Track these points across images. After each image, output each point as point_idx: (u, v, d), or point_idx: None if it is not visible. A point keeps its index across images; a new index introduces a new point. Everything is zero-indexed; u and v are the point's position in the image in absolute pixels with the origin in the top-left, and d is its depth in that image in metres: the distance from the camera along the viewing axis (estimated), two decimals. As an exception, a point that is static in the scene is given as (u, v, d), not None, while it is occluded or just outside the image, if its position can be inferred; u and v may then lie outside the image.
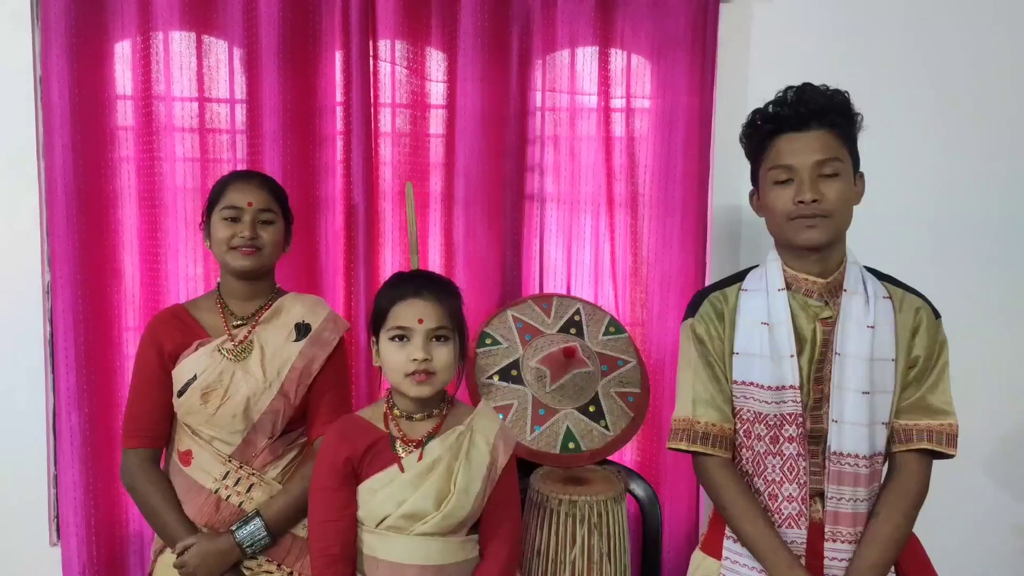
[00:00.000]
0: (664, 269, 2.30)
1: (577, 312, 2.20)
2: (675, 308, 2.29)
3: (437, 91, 2.27)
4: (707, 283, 2.35)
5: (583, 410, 2.03)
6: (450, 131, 2.26)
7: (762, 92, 2.30)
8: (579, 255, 2.37)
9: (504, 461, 1.57)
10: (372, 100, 2.22)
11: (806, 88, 1.54)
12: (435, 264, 2.31)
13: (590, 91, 2.31)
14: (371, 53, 2.20)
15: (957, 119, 2.37)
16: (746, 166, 2.34)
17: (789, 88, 1.56)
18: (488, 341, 2.10)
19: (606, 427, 2.03)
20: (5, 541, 2.19)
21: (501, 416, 1.77)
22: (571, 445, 1.97)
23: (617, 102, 2.32)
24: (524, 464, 1.87)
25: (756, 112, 1.59)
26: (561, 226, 2.36)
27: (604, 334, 2.18)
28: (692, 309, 1.65)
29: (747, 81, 2.35)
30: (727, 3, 2.29)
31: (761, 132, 1.57)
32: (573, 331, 2.15)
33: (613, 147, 2.32)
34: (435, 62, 2.27)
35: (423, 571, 1.49)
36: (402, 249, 2.29)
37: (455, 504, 1.49)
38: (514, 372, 2.05)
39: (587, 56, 2.30)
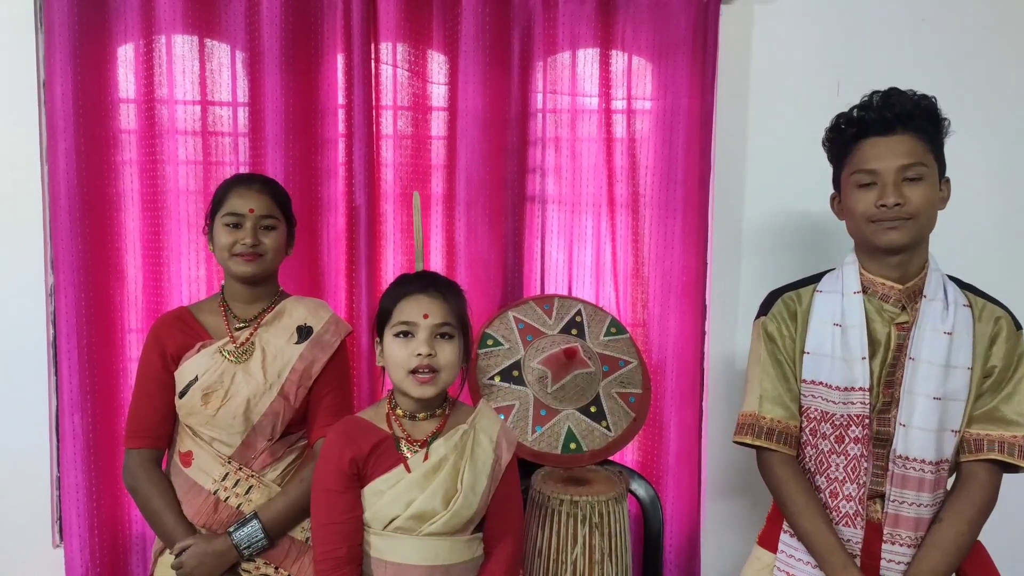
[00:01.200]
0: (665, 270, 2.30)
1: (578, 313, 2.20)
2: (676, 309, 2.30)
3: (438, 93, 2.28)
4: (708, 284, 2.36)
5: (584, 411, 2.03)
6: (451, 133, 2.27)
7: (763, 93, 2.35)
8: (580, 256, 2.37)
9: (507, 459, 1.58)
10: (374, 103, 2.22)
11: (892, 92, 1.54)
12: (437, 265, 2.31)
13: (591, 93, 2.32)
14: (372, 56, 2.21)
15: (958, 120, 2.36)
16: (747, 168, 2.38)
17: (875, 92, 1.56)
18: (489, 342, 2.10)
19: (607, 428, 2.03)
20: (8, 543, 2.20)
21: (502, 417, 1.77)
22: (572, 445, 1.98)
23: (618, 103, 2.32)
24: (525, 464, 1.87)
25: (840, 116, 1.59)
26: (562, 227, 2.36)
27: (605, 335, 2.18)
28: (765, 308, 1.67)
29: (748, 82, 2.35)
30: (728, 4, 2.30)
31: (845, 136, 1.57)
32: (574, 332, 2.15)
33: (614, 148, 2.33)
34: (436, 64, 2.27)
35: (431, 571, 1.49)
36: (403, 251, 2.30)
37: (463, 503, 1.49)
38: (515, 373, 2.05)
39: (588, 58, 2.30)
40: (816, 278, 1.67)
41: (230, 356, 1.70)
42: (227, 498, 1.68)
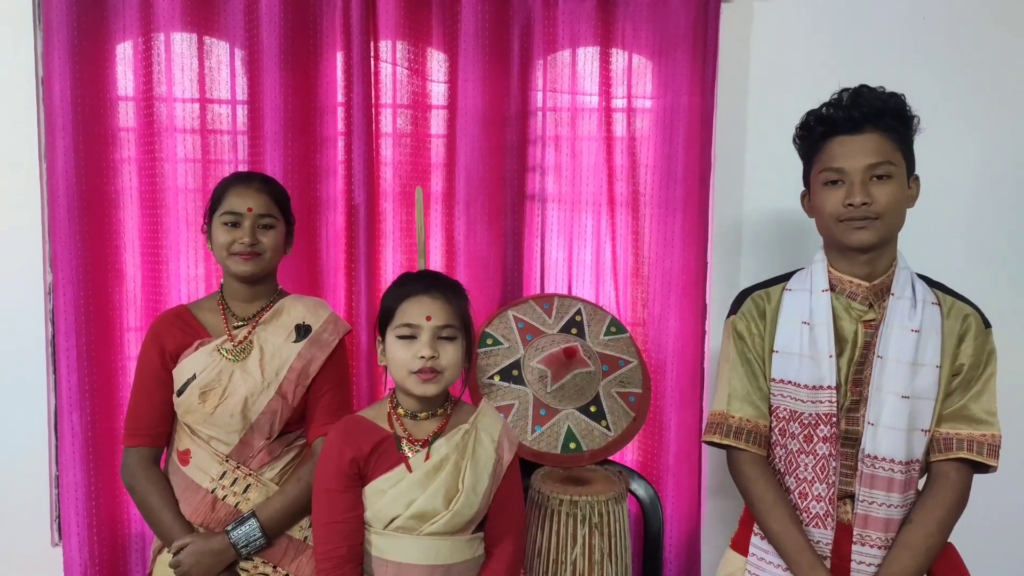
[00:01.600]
0: (665, 269, 2.30)
1: (578, 312, 2.19)
2: (676, 308, 2.29)
3: (438, 91, 2.28)
4: (708, 283, 2.35)
5: (584, 410, 2.03)
6: (451, 131, 2.26)
7: (763, 91, 2.35)
8: (580, 255, 2.37)
9: (509, 458, 1.58)
10: (373, 101, 2.22)
11: (861, 91, 1.53)
12: (436, 264, 2.31)
13: (591, 91, 2.31)
14: (372, 54, 2.21)
15: (959, 118, 2.36)
16: (747, 166, 2.37)
17: (844, 90, 1.55)
18: (489, 341, 2.10)
19: (607, 427, 2.02)
20: (7, 542, 2.19)
21: (503, 416, 1.77)
22: (572, 445, 1.97)
23: (618, 102, 2.32)
24: (525, 464, 1.86)
25: (810, 113, 1.59)
26: (562, 226, 2.36)
27: (605, 334, 2.18)
28: (735, 307, 1.67)
29: (748, 80, 2.35)
30: (728, 3, 2.29)
31: (814, 134, 1.57)
32: (574, 331, 2.15)
33: (614, 147, 2.32)
34: (436, 62, 2.27)
35: (432, 571, 1.49)
36: (403, 250, 2.29)
37: (464, 503, 1.49)
38: (515, 372, 2.05)
39: (588, 56, 2.30)
40: (786, 276, 1.67)
41: (228, 354, 1.70)
42: (225, 497, 1.67)
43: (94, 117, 2.09)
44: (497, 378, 2.03)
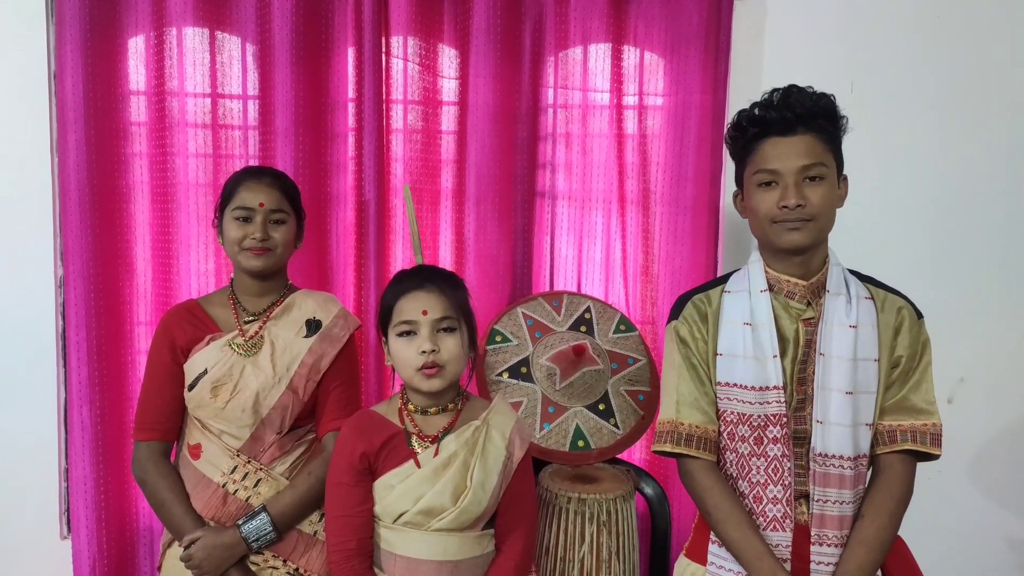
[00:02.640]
0: (675, 267, 2.29)
1: (587, 310, 2.19)
2: (686, 307, 2.28)
3: (449, 87, 2.27)
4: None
5: (593, 408, 2.02)
6: (462, 127, 2.26)
7: (776, 89, 2.33)
8: (590, 252, 2.36)
9: (520, 456, 1.57)
10: (384, 96, 2.22)
11: (792, 91, 1.52)
12: (446, 261, 2.31)
13: (602, 88, 2.31)
14: (383, 49, 2.20)
15: (970, 115, 2.35)
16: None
17: (775, 90, 1.54)
18: (498, 338, 2.10)
19: (615, 425, 2.02)
20: (16, 534, 2.20)
21: (515, 413, 1.76)
22: (580, 443, 1.97)
23: (630, 99, 2.31)
24: (533, 462, 1.86)
25: (741, 113, 1.58)
26: (572, 223, 2.35)
27: (614, 332, 2.17)
28: (676, 311, 1.65)
29: (761, 78, 2.33)
30: (741, 0, 2.28)
31: (747, 134, 1.56)
32: (583, 329, 2.14)
33: (625, 144, 2.32)
34: (447, 58, 2.27)
35: (440, 566, 1.49)
36: (412, 245, 2.29)
37: (471, 499, 1.49)
38: (524, 370, 2.04)
39: (600, 53, 2.29)
40: (724, 279, 1.66)
41: (239, 349, 1.70)
42: (236, 491, 1.68)
43: (106, 111, 2.09)
44: (506, 375, 2.03)
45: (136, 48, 2.14)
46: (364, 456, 1.51)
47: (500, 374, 2.03)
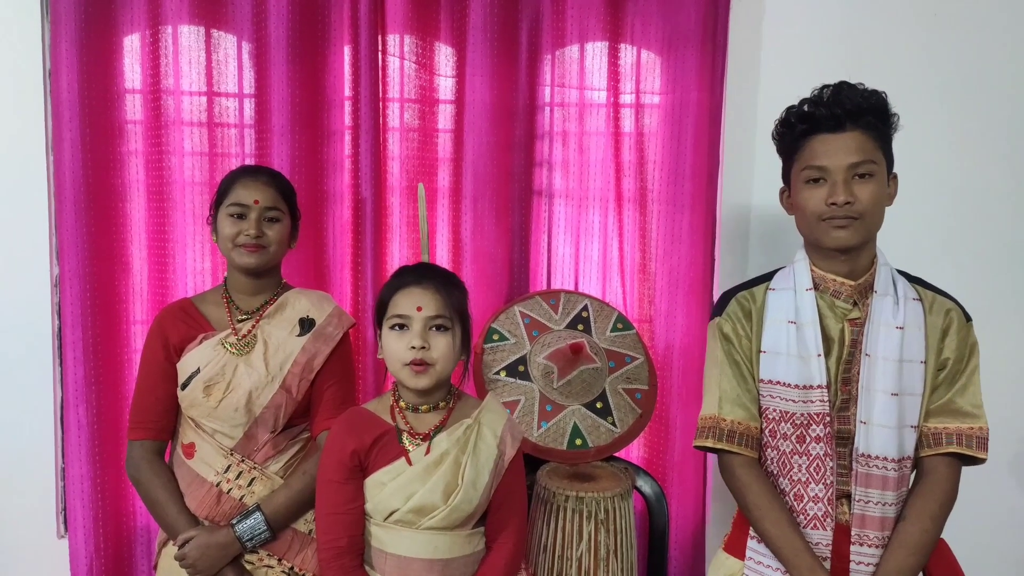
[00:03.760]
0: (672, 265, 2.29)
1: (585, 308, 2.19)
2: (683, 305, 2.28)
3: (445, 86, 2.27)
4: (716, 280, 2.34)
5: (590, 406, 2.02)
6: (458, 126, 2.26)
7: (773, 87, 2.33)
8: (587, 251, 2.36)
9: (512, 454, 1.57)
10: (380, 95, 2.21)
11: (843, 87, 1.51)
12: (442, 259, 2.30)
13: (599, 86, 2.30)
14: (380, 48, 2.20)
15: (972, 114, 2.34)
16: (756, 163, 2.36)
17: (825, 87, 1.53)
18: (495, 337, 2.09)
19: (613, 424, 2.02)
20: (13, 534, 2.20)
21: (508, 411, 1.76)
22: (578, 441, 1.97)
23: (626, 98, 2.31)
24: (531, 460, 1.86)
25: (790, 110, 1.57)
26: (569, 222, 2.35)
27: (612, 330, 2.17)
28: (719, 308, 1.65)
29: (758, 76, 2.33)
30: (738, -2, 2.28)
31: (795, 131, 1.55)
32: (581, 327, 2.14)
33: (622, 143, 2.31)
34: (444, 57, 2.26)
35: (430, 564, 1.49)
36: (409, 244, 2.29)
37: (462, 497, 1.49)
38: (521, 368, 2.04)
39: (597, 51, 2.29)
40: (768, 276, 1.65)
41: (232, 348, 1.70)
42: (230, 490, 1.68)
43: (101, 109, 2.09)
44: (503, 374, 2.03)
45: (131, 46, 2.13)
46: (355, 453, 1.51)
47: (497, 373, 2.03)
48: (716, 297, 2.33)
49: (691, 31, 2.23)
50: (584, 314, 2.17)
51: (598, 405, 2.03)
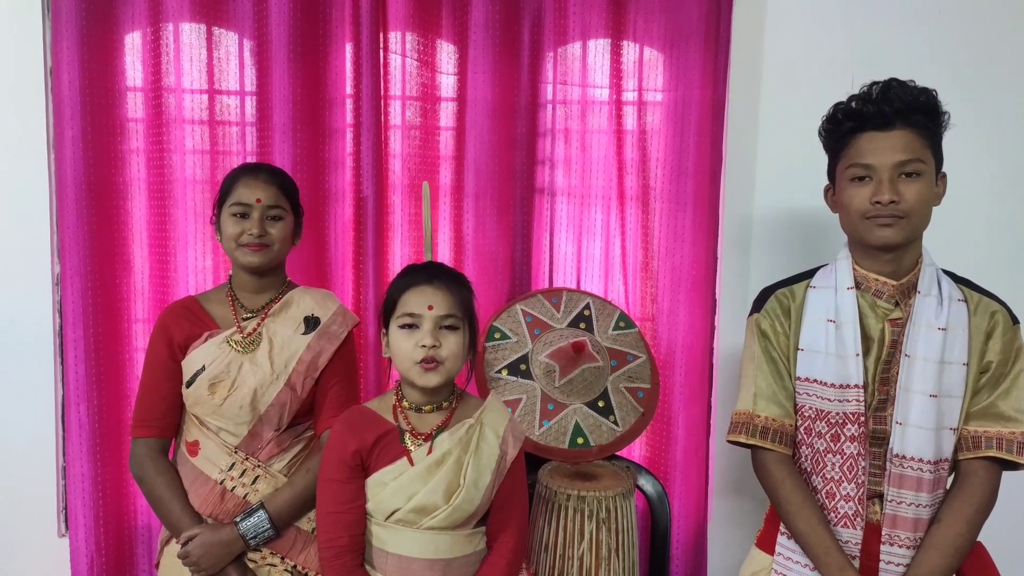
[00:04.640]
0: (675, 264, 2.28)
1: (587, 307, 2.18)
2: (686, 303, 2.28)
3: (447, 84, 2.26)
4: (718, 278, 2.34)
5: (592, 405, 2.02)
6: (460, 124, 2.25)
7: (776, 85, 2.33)
8: (589, 249, 2.35)
9: (514, 454, 1.57)
10: (382, 92, 2.21)
11: (892, 84, 1.50)
12: (444, 257, 2.30)
13: (602, 84, 2.30)
14: (381, 45, 2.19)
15: (973, 113, 2.33)
16: (759, 161, 2.35)
17: (874, 84, 1.52)
18: (497, 335, 2.09)
19: (615, 422, 2.01)
20: (14, 532, 2.20)
21: (510, 411, 1.76)
22: (580, 440, 1.96)
23: (629, 95, 2.30)
24: (532, 459, 1.86)
25: (838, 107, 1.56)
26: (571, 220, 2.34)
27: (614, 329, 2.16)
28: (758, 304, 1.65)
29: (761, 74, 2.32)
30: (741, -5, 2.27)
31: (842, 128, 1.54)
32: (583, 326, 2.13)
33: (624, 140, 2.31)
34: (445, 54, 2.26)
35: (432, 564, 1.49)
36: (411, 242, 2.29)
37: (464, 498, 1.48)
38: (523, 367, 2.04)
39: (599, 48, 2.28)
40: (809, 274, 1.65)
41: (237, 346, 1.70)
42: (234, 488, 1.67)
43: (102, 107, 2.08)
44: (505, 372, 2.03)
45: (133, 44, 2.13)
46: (356, 453, 1.50)
47: (499, 371, 2.03)
48: (719, 295, 2.34)
49: (694, 28, 2.22)
50: (586, 312, 2.17)
51: (600, 404, 2.02)
